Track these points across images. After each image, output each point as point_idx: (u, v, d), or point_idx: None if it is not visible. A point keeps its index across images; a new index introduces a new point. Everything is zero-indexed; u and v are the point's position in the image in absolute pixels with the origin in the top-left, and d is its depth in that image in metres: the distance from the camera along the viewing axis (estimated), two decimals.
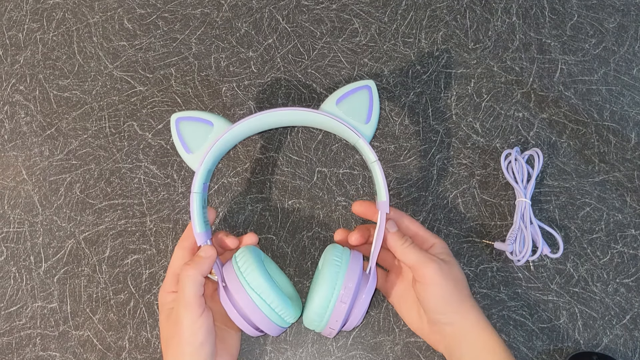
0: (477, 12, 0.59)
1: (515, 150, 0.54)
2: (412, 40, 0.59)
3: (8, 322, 0.54)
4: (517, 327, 0.53)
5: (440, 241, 0.50)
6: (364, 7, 0.60)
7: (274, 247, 0.55)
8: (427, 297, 0.46)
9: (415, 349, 0.53)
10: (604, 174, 0.56)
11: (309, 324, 0.46)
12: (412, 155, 0.57)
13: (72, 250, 0.56)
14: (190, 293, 0.44)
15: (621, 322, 0.53)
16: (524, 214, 0.53)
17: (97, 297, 0.55)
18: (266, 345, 0.54)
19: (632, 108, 0.57)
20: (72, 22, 0.61)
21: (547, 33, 0.59)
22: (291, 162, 0.57)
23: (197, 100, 0.58)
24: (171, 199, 0.56)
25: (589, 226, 0.55)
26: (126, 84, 0.59)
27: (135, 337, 0.54)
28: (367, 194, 0.56)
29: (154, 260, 0.55)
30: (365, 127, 0.49)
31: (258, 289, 0.45)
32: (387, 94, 0.58)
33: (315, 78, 0.58)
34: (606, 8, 0.59)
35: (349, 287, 0.45)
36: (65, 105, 0.59)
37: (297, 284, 0.55)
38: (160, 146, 0.57)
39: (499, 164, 0.56)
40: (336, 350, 0.53)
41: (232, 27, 0.60)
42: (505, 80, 0.58)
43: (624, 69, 0.58)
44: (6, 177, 0.57)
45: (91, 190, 0.57)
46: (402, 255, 0.47)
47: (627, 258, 0.54)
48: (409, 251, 0.47)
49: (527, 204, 0.53)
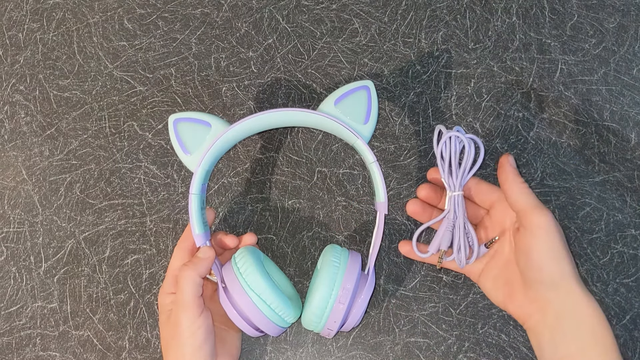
0: (477, 12, 0.59)
1: (455, 133, 0.47)
2: (412, 40, 0.59)
3: (8, 322, 0.55)
4: (517, 327, 0.53)
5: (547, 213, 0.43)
6: (364, 7, 0.60)
7: (274, 247, 0.55)
8: (536, 247, 0.41)
9: (415, 349, 0.53)
10: (604, 174, 0.56)
11: (307, 324, 0.47)
12: (412, 155, 0.57)
13: (72, 250, 0.56)
14: (188, 294, 0.44)
15: (621, 322, 0.53)
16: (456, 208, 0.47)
17: (97, 297, 0.55)
18: (266, 345, 0.54)
19: (632, 108, 0.57)
20: (72, 22, 0.61)
21: (547, 33, 0.59)
22: (291, 162, 0.57)
23: (197, 101, 0.58)
24: (171, 199, 0.56)
25: (589, 226, 0.55)
26: (126, 84, 0.59)
27: (135, 337, 0.54)
28: (367, 194, 0.56)
29: (154, 260, 0.55)
30: (364, 128, 0.49)
31: (257, 290, 0.45)
32: (387, 94, 0.58)
33: (316, 78, 0.58)
34: (606, 8, 0.59)
35: (347, 288, 0.45)
36: (65, 105, 0.59)
37: (297, 284, 0.55)
38: (160, 146, 0.57)
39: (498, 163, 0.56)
40: (336, 350, 0.53)
41: (232, 27, 0.60)
42: (505, 80, 0.58)
43: (624, 69, 0.58)
44: (6, 177, 0.57)
45: (91, 190, 0.57)
46: (517, 194, 0.43)
47: (627, 258, 0.54)
48: (525, 192, 0.43)
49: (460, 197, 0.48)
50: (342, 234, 0.55)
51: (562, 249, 0.41)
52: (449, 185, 0.48)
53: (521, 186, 0.44)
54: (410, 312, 0.54)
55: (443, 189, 0.51)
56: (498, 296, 0.47)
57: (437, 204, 0.52)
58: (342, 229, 0.55)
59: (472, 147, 0.47)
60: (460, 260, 0.48)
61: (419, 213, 0.51)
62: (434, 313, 0.54)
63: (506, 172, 0.45)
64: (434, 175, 0.51)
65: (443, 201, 0.51)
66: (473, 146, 0.47)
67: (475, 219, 0.52)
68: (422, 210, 0.51)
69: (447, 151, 0.48)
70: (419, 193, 0.51)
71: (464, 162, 0.48)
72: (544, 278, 0.42)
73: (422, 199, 0.51)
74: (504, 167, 0.46)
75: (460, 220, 0.47)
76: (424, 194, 0.50)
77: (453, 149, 0.47)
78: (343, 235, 0.55)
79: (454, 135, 0.47)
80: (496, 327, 0.53)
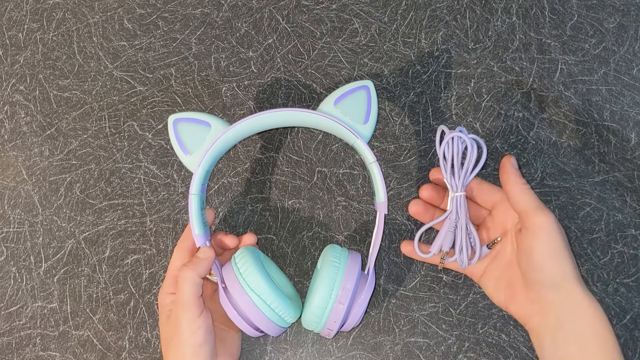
0: (477, 12, 0.59)
1: (458, 133, 0.47)
2: (412, 40, 0.59)
3: (8, 322, 0.55)
4: (517, 327, 0.53)
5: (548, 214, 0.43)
6: (364, 7, 0.60)
7: (274, 247, 0.55)
8: (537, 248, 0.41)
9: (415, 349, 0.53)
10: (604, 174, 0.56)
11: (307, 324, 0.47)
12: (412, 155, 0.56)
13: (72, 250, 0.56)
14: (188, 294, 0.44)
15: (621, 322, 0.53)
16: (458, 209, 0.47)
17: (97, 297, 0.55)
18: (266, 345, 0.54)
19: (632, 108, 0.57)
20: (72, 22, 0.61)
21: (547, 33, 0.59)
22: (291, 162, 0.57)
23: (197, 101, 0.58)
24: (171, 199, 0.56)
25: (589, 226, 0.55)
26: (126, 84, 0.59)
27: (135, 337, 0.54)
28: (367, 194, 0.56)
29: (154, 260, 0.55)
30: (364, 128, 0.49)
31: (257, 290, 0.45)
32: (387, 94, 0.58)
33: (316, 78, 0.58)
34: (606, 8, 0.59)
35: (347, 288, 0.45)
36: (65, 105, 0.59)
37: (297, 284, 0.55)
38: (160, 146, 0.57)
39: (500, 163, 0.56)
40: (336, 350, 0.53)
41: (232, 27, 0.60)
42: (505, 80, 0.58)
43: (624, 69, 0.58)
44: (6, 177, 0.57)
45: (91, 190, 0.57)
46: (519, 195, 0.43)
47: (627, 258, 0.54)
48: (527, 193, 0.43)
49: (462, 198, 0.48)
50: (342, 234, 0.55)
51: (564, 249, 0.41)
52: (451, 185, 0.48)
53: (523, 187, 0.44)
54: (410, 312, 0.54)
55: (446, 190, 0.51)
56: (500, 297, 0.47)
57: (440, 205, 0.52)
58: (342, 229, 0.55)
59: (474, 148, 0.47)
60: (462, 261, 0.48)
61: (421, 213, 0.51)
62: (434, 313, 0.53)
63: (508, 173, 0.45)
64: (436, 175, 0.50)
65: (445, 201, 0.51)
66: (475, 147, 0.47)
67: (477, 220, 0.52)
68: (424, 211, 0.51)
69: (449, 152, 0.47)
70: (422, 193, 0.51)
71: (466, 162, 0.47)
72: (545, 279, 0.42)
73: (425, 199, 0.51)
74: (505, 168, 0.46)
75: (462, 221, 0.47)
76: (427, 194, 0.50)
77: (455, 150, 0.47)
78: (343, 235, 0.55)
79: (456, 135, 0.47)
80: (496, 327, 0.53)
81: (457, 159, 0.47)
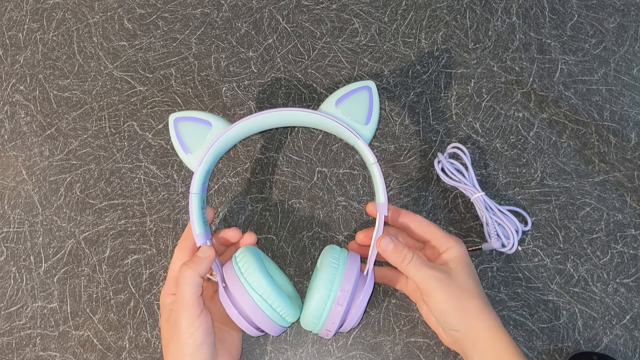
0: (477, 12, 0.59)
1: (443, 157, 0.54)
2: (412, 40, 0.59)
3: (8, 322, 0.55)
4: (517, 327, 0.53)
5: (456, 244, 0.48)
6: (364, 7, 0.60)
7: (274, 247, 0.55)
8: (431, 309, 0.46)
9: (415, 349, 0.53)
10: (604, 174, 0.56)
11: (306, 325, 0.46)
12: (412, 155, 0.57)
13: (72, 250, 0.56)
14: (188, 293, 0.44)
15: (621, 322, 0.53)
16: (487, 207, 0.53)
17: (97, 297, 0.55)
18: (266, 345, 0.54)
19: (632, 108, 0.57)
20: (72, 22, 0.61)
21: (547, 33, 0.59)
22: (291, 162, 0.57)
23: (197, 100, 0.58)
24: (171, 199, 0.56)
25: (589, 226, 0.55)
26: (126, 84, 0.59)
27: (136, 337, 0.54)
28: (367, 194, 0.56)
29: (154, 260, 0.55)
30: (365, 129, 0.49)
31: (259, 289, 0.45)
32: (387, 94, 0.58)
33: (316, 78, 0.58)
34: (606, 8, 0.59)
35: (345, 290, 0.44)
36: (65, 105, 0.59)
37: (297, 284, 0.55)
38: (160, 146, 0.57)
39: (500, 163, 0.56)
40: (336, 350, 0.53)
41: (232, 27, 0.60)
42: (505, 80, 0.58)
43: (624, 69, 0.58)
44: (6, 177, 0.57)
45: (91, 190, 0.57)
46: (405, 272, 0.46)
47: (627, 258, 0.54)
48: (409, 269, 0.46)
49: (482, 197, 0.53)
50: (342, 234, 0.55)
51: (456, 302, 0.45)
52: (470, 193, 0.53)
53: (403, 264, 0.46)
54: (410, 312, 0.54)
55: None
56: (431, 324, 0.51)
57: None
58: (342, 229, 0.55)
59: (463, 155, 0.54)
60: (506, 245, 0.52)
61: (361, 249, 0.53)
62: None
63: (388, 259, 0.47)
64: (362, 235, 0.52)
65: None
66: (462, 153, 0.54)
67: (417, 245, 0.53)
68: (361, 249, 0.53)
69: (447, 171, 0.54)
70: (357, 238, 0.52)
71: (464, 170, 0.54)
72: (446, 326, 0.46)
73: (360, 243, 0.52)
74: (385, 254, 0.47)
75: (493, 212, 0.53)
76: (362, 237, 0.52)
77: (448, 169, 0.54)
78: (343, 235, 0.55)
79: (441, 160, 0.54)
80: None
81: (456, 172, 0.54)
